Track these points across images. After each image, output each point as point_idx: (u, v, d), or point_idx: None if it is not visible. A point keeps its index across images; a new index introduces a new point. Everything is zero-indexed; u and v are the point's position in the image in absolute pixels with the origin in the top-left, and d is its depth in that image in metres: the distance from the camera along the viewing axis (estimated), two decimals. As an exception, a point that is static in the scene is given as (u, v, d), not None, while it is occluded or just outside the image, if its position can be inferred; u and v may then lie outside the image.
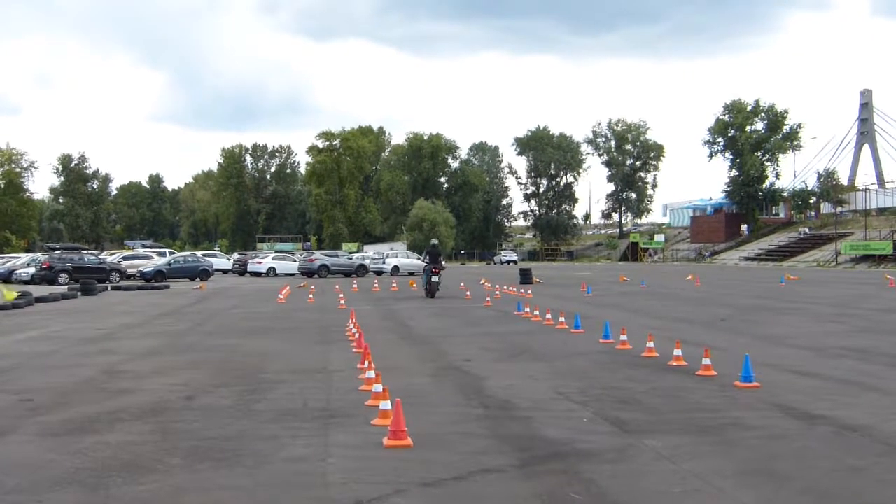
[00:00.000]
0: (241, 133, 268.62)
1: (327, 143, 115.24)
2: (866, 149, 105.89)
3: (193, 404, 9.97)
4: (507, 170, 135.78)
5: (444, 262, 32.29)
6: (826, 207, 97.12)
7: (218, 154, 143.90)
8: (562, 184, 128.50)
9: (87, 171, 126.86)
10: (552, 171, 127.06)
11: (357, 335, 15.97)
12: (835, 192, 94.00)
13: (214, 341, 16.97)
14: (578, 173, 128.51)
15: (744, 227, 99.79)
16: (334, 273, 54.72)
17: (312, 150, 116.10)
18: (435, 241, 34.28)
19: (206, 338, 17.70)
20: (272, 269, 56.78)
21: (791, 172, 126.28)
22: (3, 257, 59.23)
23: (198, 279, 47.59)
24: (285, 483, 6.65)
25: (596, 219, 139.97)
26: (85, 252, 50.65)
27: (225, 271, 61.53)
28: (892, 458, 7.32)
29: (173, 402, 10.10)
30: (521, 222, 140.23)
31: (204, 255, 60.36)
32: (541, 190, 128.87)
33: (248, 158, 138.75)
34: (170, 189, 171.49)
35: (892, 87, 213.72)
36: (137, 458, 7.38)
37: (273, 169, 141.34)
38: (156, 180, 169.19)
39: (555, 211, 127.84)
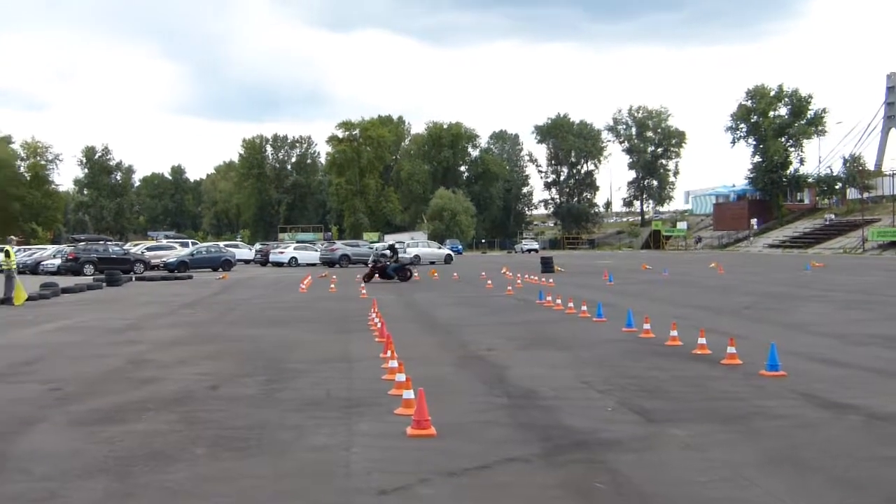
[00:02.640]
0: (262, 124, 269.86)
1: (347, 132, 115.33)
2: (893, 133, 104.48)
3: (218, 394, 10.02)
4: (527, 158, 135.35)
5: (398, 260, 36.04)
6: (852, 193, 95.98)
7: (239, 145, 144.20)
8: (582, 171, 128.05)
9: (111, 163, 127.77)
10: (573, 159, 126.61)
11: (379, 324, 15.98)
12: (861, 177, 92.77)
13: (238, 331, 17.04)
14: (599, 161, 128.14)
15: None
16: (355, 262, 54.71)
17: (332, 140, 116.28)
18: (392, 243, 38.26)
19: (229, 327, 17.78)
20: (294, 259, 56.91)
21: (816, 158, 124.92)
22: (29, 249, 59.69)
23: (220, 269, 47.80)
24: (308, 472, 6.66)
25: (617, 206, 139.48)
26: (109, 243, 51.07)
27: (247, 261, 61.69)
28: (922, 447, 7.23)
29: (198, 391, 10.16)
30: (541, 211, 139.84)
31: (226, 246, 60.57)
32: (561, 178, 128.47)
33: (269, 149, 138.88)
34: (192, 180, 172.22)
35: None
36: (163, 447, 7.43)
37: (294, 159, 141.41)
38: (178, 171, 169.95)
39: (576, 199, 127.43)
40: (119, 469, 6.76)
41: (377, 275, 34.27)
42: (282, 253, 58.53)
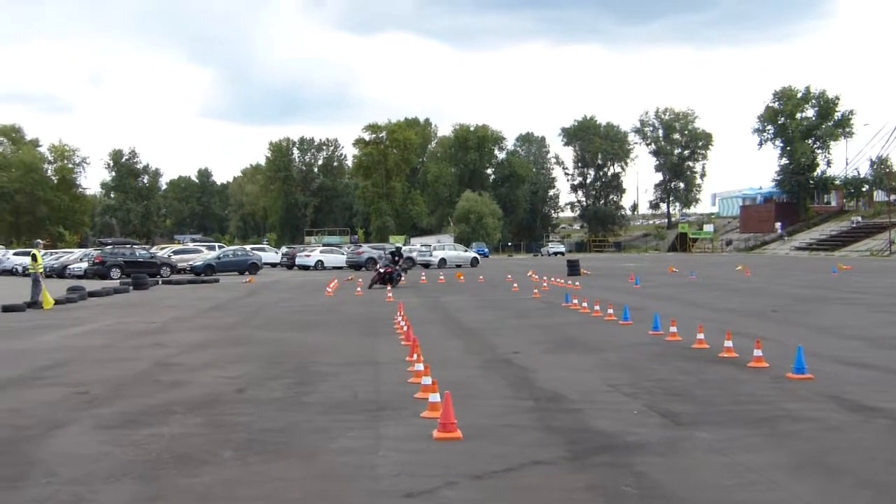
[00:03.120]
0: (288, 127, 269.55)
1: (374, 135, 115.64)
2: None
3: (245, 397, 10.09)
4: (553, 160, 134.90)
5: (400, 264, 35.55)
6: (879, 195, 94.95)
7: (265, 148, 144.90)
8: (609, 174, 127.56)
9: (138, 167, 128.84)
10: (599, 162, 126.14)
11: (405, 328, 16.02)
12: (888, 179, 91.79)
13: (264, 334, 17.15)
14: (626, 163, 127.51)
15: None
16: (381, 266, 54.79)
17: (359, 142, 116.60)
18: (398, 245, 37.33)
19: (255, 331, 17.89)
20: (320, 262, 57.11)
21: (843, 160, 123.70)
22: (56, 252, 60.37)
23: (247, 273, 48.05)
24: (336, 475, 6.70)
25: (644, 209, 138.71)
26: (136, 246, 51.53)
27: (273, 265, 61.94)
28: (953, 451, 7.16)
29: (225, 394, 10.24)
30: (568, 213, 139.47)
31: (252, 249, 60.90)
32: (588, 180, 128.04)
33: (296, 152, 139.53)
34: (218, 183, 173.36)
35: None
36: (191, 450, 7.50)
37: (320, 162, 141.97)
38: (205, 174, 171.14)
39: (602, 201, 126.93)
40: (146, 472, 6.83)
41: (379, 282, 32.76)
42: (308, 256, 58.71)
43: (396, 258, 34.91)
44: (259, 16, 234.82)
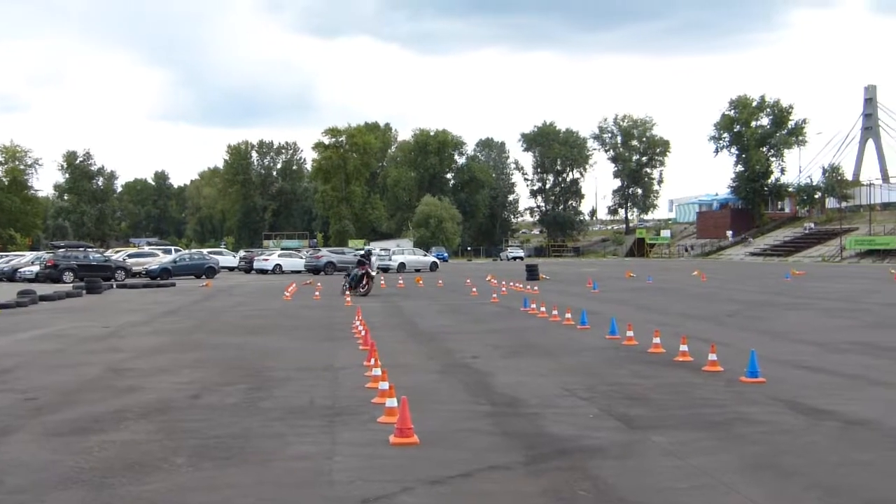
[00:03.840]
0: (247, 130, 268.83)
1: (333, 139, 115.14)
2: (871, 144, 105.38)
3: (199, 402, 9.97)
4: (513, 166, 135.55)
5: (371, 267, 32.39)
6: (831, 202, 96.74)
7: (224, 151, 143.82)
8: (568, 179, 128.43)
9: (92, 169, 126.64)
10: (558, 167, 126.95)
11: (363, 332, 15.96)
12: (840, 187, 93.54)
13: (220, 339, 16.97)
14: (584, 169, 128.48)
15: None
16: (341, 270, 54.49)
17: (319, 146, 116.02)
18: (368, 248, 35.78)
19: (211, 336, 17.70)
20: (278, 266, 56.68)
21: (796, 168, 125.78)
22: (7, 255, 59.21)
23: (204, 277, 47.51)
24: (291, 481, 6.64)
25: (602, 214, 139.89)
26: (90, 250, 50.67)
27: (231, 269, 61.44)
28: (900, 453, 7.30)
29: (179, 400, 10.11)
30: (527, 218, 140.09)
31: (210, 253, 60.27)
32: (547, 186, 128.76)
33: (255, 155, 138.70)
34: (175, 186, 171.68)
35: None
36: (142, 457, 7.38)
37: (279, 166, 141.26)
38: (161, 177, 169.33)
39: (561, 207, 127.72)
40: (96, 480, 6.70)
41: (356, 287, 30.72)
42: (266, 260, 58.26)
43: (357, 266, 32.46)
44: (218, 18, 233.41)
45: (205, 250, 64.61)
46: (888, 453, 7.26)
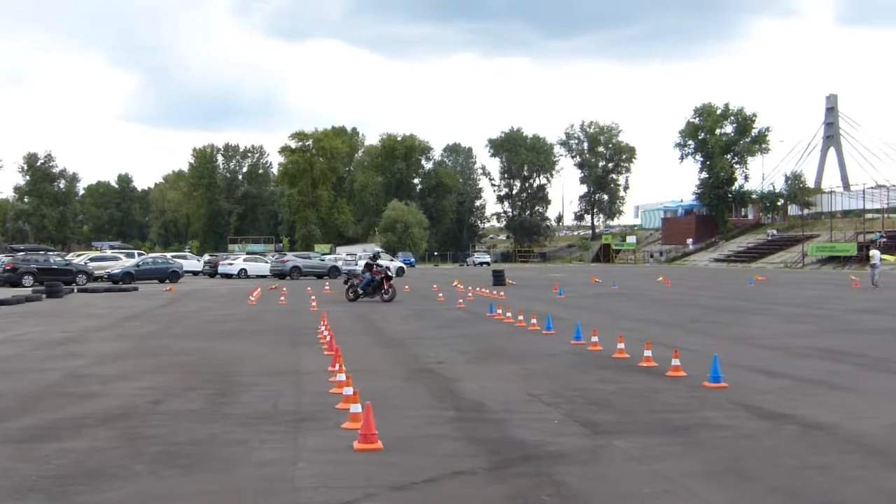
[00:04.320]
0: (213, 133, 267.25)
1: (300, 143, 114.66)
2: (832, 152, 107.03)
3: (161, 409, 9.85)
4: (480, 171, 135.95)
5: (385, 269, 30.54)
6: (793, 209, 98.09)
7: (189, 154, 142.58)
8: (535, 185, 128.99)
9: (54, 171, 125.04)
10: (525, 173, 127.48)
11: (328, 337, 15.89)
12: (802, 194, 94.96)
13: (183, 344, 16.80)
14: (551, 175, 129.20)
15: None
16: (306, 275, 54.42)
17: (285, 150, 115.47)
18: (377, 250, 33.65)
19: (174, 341, 17.52)
20: (243, 270, 56.31)
21: (759, 175, 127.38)
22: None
23: (167, 281, 47.04)
24: (254, 488, 6.58)
25: (568, 220, 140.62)
26: (50, 253, 50.03)
27: (195, 273, 60.76)
28: (857, 455, 7.40)
29: (140, 406, 9.98)
30: (494, 224, 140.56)
31: (174, 257, 59.66)
32: (514, 191, 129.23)
33: (220, 159, 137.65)
34: (139, 189, 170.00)
35: (856, 92, 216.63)
36: (102, 464, 7.26)
37: (245, 169, 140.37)
38: (125, 180, 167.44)
39: (528, 212, 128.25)
40: (53, 489, 6.58)
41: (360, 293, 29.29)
42: (231, 264, 57.80)
43: (366, 269, 30.13)
44: (185, 19, 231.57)
45: (169, 254, 64.03)
46: (846, 457, 7.35)
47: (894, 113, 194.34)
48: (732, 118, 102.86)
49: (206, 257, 69.73)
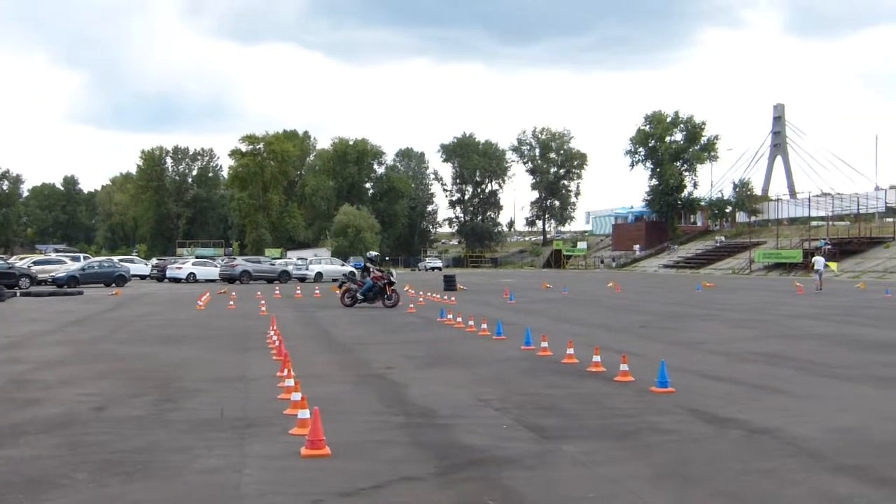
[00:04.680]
0: (163, 135, 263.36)
1: (251, 146, 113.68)
2: (779, 160, 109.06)
3: (104, 415, 9.68)
4: (432, 176, 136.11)
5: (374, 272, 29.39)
6: (741, 217, 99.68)
7: (137, 156, 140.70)
8: (487, 191, 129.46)
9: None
10: (477, 178, 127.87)
11: (277, 342, 15.76)
12: (749, 202, 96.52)
13: (129, 349, 16.55)
14: (503, 181, 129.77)
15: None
16: (256, 279, 54.03)
17: (236, 153, 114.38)
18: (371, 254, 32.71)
19: (119, 346, 17.25)
20: (192, 274, 55.73)
21: (708, 182, 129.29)
22: None
23: (114, 285, 46.36)
24: (198, 496, 6.49)
25: (520, 226, 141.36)
26: (-6, 257, 48.90)
27: (143, 277, 60.12)
28: (799, 459, 7.53)
29: (83, 413, 9.79)
30: (446, 229, 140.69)
31: (121, 261, 58.71)
32: (466, 197, 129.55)
33: (169, 161, 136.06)
34: (86, 191, 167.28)
35: (803, 101, 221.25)
36: (42, 473, 7.11)
37: (195, 172, 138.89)
38: (71, 182, 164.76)
39: (480, 218, 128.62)
40: (-7, 496, 6.44)
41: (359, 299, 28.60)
42: (179, 268, 57.21)
43: (365, 273, 29.55)
44: (134, 19, 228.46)
45: (115, 258, 63.01)
46: (789, 460, 7.47)
47: (839, 122, 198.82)
48: (682, 126, 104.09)
49: (154, 261, 68.83)
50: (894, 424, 8.99)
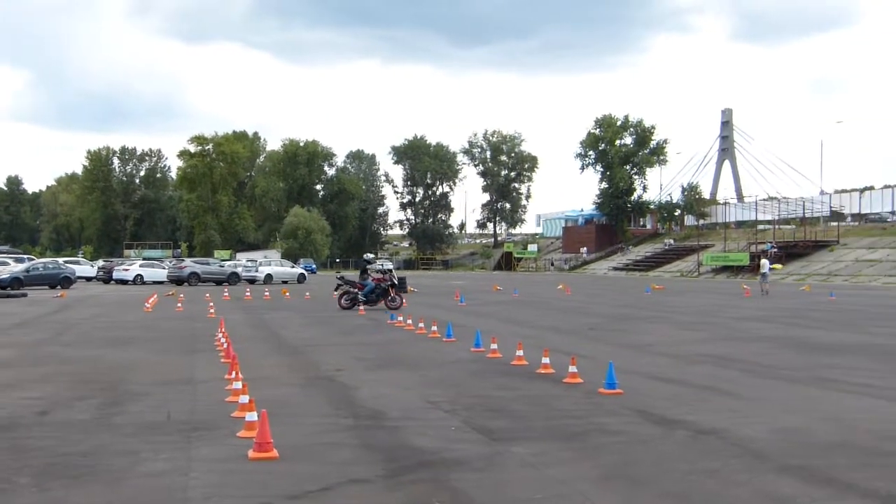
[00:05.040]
0: (109, 135, 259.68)
1: (200, 147, 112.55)
2: (727, 164, 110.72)
3: (48, 419, 9.50)
4: (383, 178, 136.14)
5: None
6: (689, 220, 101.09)
7: (83, 156, 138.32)
8: (438, 193, 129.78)
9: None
10: (428, 181, 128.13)
11: (226, 344, 15.60)
12: (697, 205, 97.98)
13: (73, 352, 16.26)
14: (454, 183, 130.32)
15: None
16: (205, 281, 53.46)
17: (184, 154, 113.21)
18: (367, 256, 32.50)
19: (64, 349, 16.94)
20: (139, 276, 54.94)
21: (657, 186, 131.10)
22: None
23: (59, 287, 45.52)
24: (143, 500, 6.40)
25: (471, 228, 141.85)
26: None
27: (89, 279, 59.20)
28: (745, 459, 7.64)
29: (25, 417, 9.60)
30: (397, 231, 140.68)
31: (66, 262, 57.66)
32: (417, 199, 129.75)
33: (116, 162, 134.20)
34: (30, 192, 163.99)
35: (750, 106, 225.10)
36: (-18, 477, 6.96)
37: (142, 173, 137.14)
38: (14, 182, 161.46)
39: (431, 220, 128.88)
40: (-69, 502, 6.29)
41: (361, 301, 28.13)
42: (127, 270, 56.40)
43: (364, 276, 29.17)
44: (79, 17, 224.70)
45: (61, 259, 61.88)
46: (734, 461, 7.57)
47: (786, 127, 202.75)
48: (632, 130, 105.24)
49: (101, 262, 67.74)
50: (838, 425, 9.16)
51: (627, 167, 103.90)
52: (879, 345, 17.62)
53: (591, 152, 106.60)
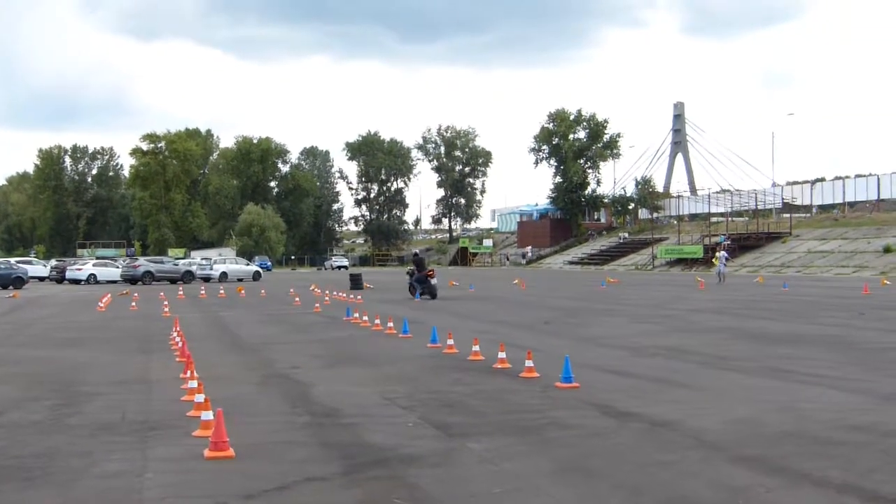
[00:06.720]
0: (60, 134, 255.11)
1: (152, 145, 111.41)
2: (680, 158, 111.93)
3: (0, 420, 9.37)
4: (338, 175, 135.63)
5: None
6: (643, 213, 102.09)
7: (34, 155, 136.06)
8: (392, 189, 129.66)
9: None
10: (383, 177, 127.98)
11: (181, 344, 15.46)
12: (651, 198, 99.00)
13: (26, 353, 16.03)
14: (409, 179, 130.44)
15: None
16: (159, 280, 52.90)
17: (136, 152, 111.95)
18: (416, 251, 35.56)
19: (16, 349, 16.69)
20: (93, 275, 54.22)
21: (611, 180, 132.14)
22: None
23: (11, 287, 44.77)
24: (98, 501, 6.35)
25: (426, 224, 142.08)
26: None
27: (41, 279, 58.41)
28: (698, 451, 7.75)
29: (-25, 419, 9.45)
30: (352, 227, 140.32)
31: (18, 262, 56.73)
32: (372, 195, 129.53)
33: (68, 160, 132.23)
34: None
35: (702, 100, 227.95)
36: (-69, 481, 6.84)
37: (94, 171, 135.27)
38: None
39: (385, 216, 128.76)
40: None
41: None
42: (80, 269, 55.66)
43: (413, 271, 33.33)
44: (29, 15, 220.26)
45: (12, 259, 60.84)
46: (688, 452, 7.68)
47: (737, 120, 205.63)
48: (585, 124, 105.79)
49: (53, 262, 66.70)
50: (791, 415, 9.29)
51: (581, 161, 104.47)
52: (832, 335, 17.92)
53: (544, 147, 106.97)
